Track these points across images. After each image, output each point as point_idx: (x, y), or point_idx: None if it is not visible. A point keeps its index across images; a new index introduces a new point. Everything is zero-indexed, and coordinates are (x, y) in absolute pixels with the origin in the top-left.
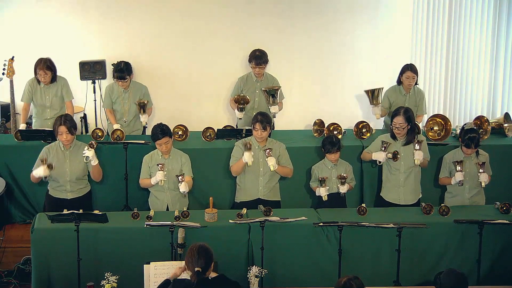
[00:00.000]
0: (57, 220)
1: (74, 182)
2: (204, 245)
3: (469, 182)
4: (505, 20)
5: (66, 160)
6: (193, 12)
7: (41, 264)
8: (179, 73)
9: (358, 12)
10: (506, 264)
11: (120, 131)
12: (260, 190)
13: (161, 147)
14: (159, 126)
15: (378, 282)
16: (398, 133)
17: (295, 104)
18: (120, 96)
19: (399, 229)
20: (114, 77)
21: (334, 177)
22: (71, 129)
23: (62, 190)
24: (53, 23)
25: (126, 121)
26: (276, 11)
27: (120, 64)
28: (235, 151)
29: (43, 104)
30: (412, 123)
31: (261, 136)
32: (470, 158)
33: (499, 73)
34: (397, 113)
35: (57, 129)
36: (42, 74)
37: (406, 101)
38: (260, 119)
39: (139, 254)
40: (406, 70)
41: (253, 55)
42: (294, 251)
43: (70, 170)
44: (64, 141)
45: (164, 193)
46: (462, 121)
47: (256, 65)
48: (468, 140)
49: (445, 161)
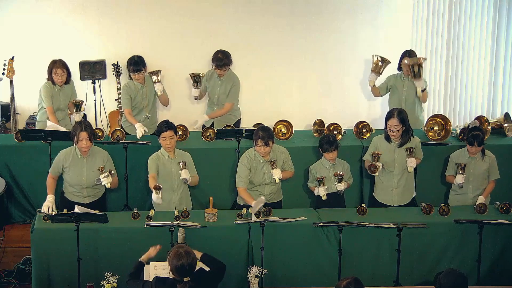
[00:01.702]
0: (57, 220)
1: (90, 188)
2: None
3: (473, 183)
4: (505, 20)
5: (83, 168)
6: (193, 12)
7: (41, 264)
8: (179, 73)
9: (358, 12)
10: (506, 264)
11: (120, 131)
12: (266, 195)
13: (166, 141)
14: (165, 121)
15: (378, 282)
16: (393, 135)
17: (295, 104)
18: (138, 93)
19: (399, 229)
20: (130, 71)
21: (332, 177)
22: (91, 136)
23: (78, 195)
24: (53, 23)
25: (149, 116)
26: (276, 11)
27: (134, 58)
28: (240, 171)
29: (58, 106)
30: (407, 125)
31: (264, 151)
32: (475, 159)
33: (499, 73)
34: (391, 115)
35: (78, 135)
36: (59, 73)
37: (405, 85)
38: (262, 135)
39: (139, 254)
40: (404, 56)
41: (215, 57)
42: (294, 251)
43: (87, 177)
44: (84, 147)
45: (172, 193)
46: (462, 121)
47: (216, 68)
48: (471, 138)
49: (451, 160)
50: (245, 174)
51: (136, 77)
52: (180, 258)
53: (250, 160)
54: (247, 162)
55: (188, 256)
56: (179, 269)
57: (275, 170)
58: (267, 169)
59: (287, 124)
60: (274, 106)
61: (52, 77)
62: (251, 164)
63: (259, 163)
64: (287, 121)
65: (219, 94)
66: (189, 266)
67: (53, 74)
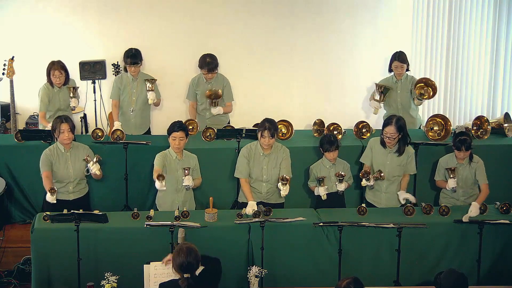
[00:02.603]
0: (57, 220)
1: (77, 182)
2: (190, 246)
3: (463, 187)
4: (505, 20)
5: (68, 161)
6: (193, 12)
7: (41, 264)
8: (179, 73)
9: (358, 12)
10: (506, 264)
11: (120, 131)
12: (263, 195)
13: (175, 142)
14: (178, 121)
15: (378, 282)
16: (389, 142)
17: (295, 104)
18: (128, 85)
19: (399, 229)
20: (126, 63)
21: (332, 176)
22: (72, 128)
23: (64, 192)
24: (53, 23)
25: (134, 110)
26: (276, 11)
27: (132, 50)
28: (240, 162)
29: (59, 107)
30: (404, 132)
31: (268, 143)
32: (463, 165)
33: (499, 73)
34: (389, 122)
35: (59, 127)
36: (57, 75)
37: (399, 88)
38: (268, 127)
39: (139, 254)
40: (393, 60)
41: (203, 61)
42: (294, 251)
43: (74, 170)
44: (66, 139)
45: (176, 194)
46: (462, 121)
47: (208, 72)
48: (459, 143)
49: (439, 165)
50: (243, 164)
51: (132, 69)
52: (180, 254)
53: (250, 150)
54: (246, 152)
55: (188, 253)
56: (179, 266)
57: (284, 188)
58: (266, 165)
59: (287, 124)
60: (274, 106)
61: (51, 78)
62: (250, 154)
63: (259, 155)
64: (287, 121)
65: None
66: (188, 263)
67: (51, 76)
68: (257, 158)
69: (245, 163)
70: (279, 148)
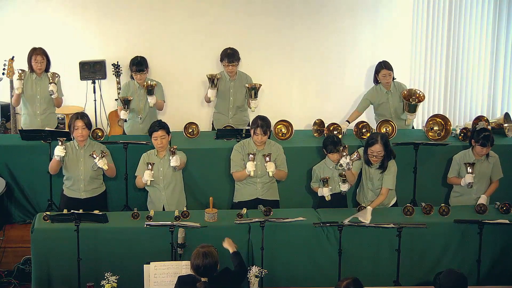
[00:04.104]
0: (57, 220)
1: (88, 181)
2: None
3: (478, 184)
4: (505, 20)
5: (80, 158)
6: (193, 12)
7: (41, 264)
8: (179, 73)
9: (358, 12)
10: (506, 264)
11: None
12: (258, 190)
13: (157, 141)
14: (157, 120)
15: (378, 282)
16: (376, 160)
17: (295, 104)
18: (136, 93)
19: (399, 229)
20: (132, 71)
21: (336, 177)
22: (88, 125)
23: (76, 190)
24: (53, 23)
25: (142, 118)
26: (276, 11)
27: (137, 58)
28: (234, 156)
29: (34, 95)
30: (389, 148)
31: (261, 141)
32: (480, 161)
33: (499, 73)
34: (374, 141)
35: (74, 124)
36: (39, 60)
37: (390, 99)
38: (261, 124)
39: (139, 254)
40: (380, 69)
41: (224, 53)
42: (294, 251)
43: (85, 169)
44: (80, 136)
45: (160, 193)
46: (462, 121)
47: (228, 63)
48: (484, 139)
49: (454, 161)
50: (237, 159)
51: (138, 77)
52: (197, 258)
53: (243, 146)
54: (239, 147)
55: (205, 257)
56: (195, 268)
57: (269, 164)
58: (260, 161)
59: (287, 124)
60: (274, 106)
61: (32, 64)
62: (244, 150)
63: (252, 151)
64: (287, 121)
65: (235, 96)
66: (204, 267)
67: (33, 61)
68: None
69: (239, 157)
70: (273, 145)
